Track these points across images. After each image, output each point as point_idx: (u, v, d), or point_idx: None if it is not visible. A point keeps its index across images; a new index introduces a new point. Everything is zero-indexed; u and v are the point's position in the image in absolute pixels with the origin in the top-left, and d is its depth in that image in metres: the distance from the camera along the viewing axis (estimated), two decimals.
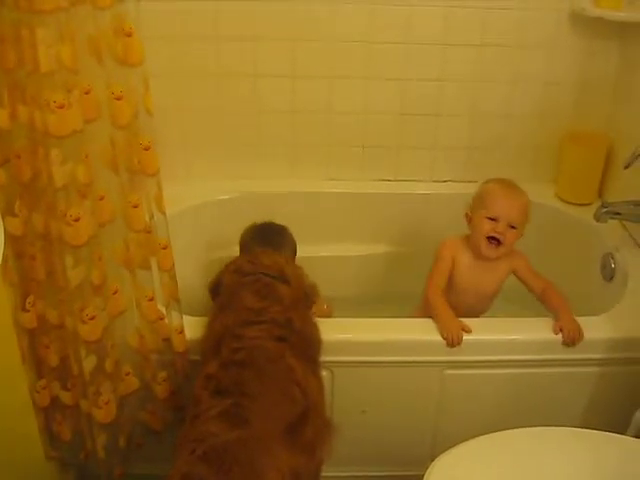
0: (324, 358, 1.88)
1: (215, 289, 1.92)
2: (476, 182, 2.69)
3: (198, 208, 2.59)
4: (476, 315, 2.22)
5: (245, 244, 2.20)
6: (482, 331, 2.02)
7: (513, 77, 2.60)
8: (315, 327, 1.88)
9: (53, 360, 1.85)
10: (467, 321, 2.03)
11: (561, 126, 2.67)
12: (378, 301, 2.73)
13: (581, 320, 2.04)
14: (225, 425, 1.49)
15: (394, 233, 2.76)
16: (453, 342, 1.97)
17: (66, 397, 1.90)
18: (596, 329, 2.02)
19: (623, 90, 2.55)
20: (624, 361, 2.04)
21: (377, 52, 2.53)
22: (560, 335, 1.99)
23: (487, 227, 2.13)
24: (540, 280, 2.20)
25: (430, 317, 2.06)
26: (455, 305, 2.09)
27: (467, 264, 2.21)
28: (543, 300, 2.16)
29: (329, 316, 2.35)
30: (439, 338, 1.99)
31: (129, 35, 1.56)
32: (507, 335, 2.03)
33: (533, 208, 2.54)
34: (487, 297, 2.25)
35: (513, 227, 2.13)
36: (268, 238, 2.14)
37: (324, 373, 1.90)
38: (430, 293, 2.14)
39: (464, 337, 1.99)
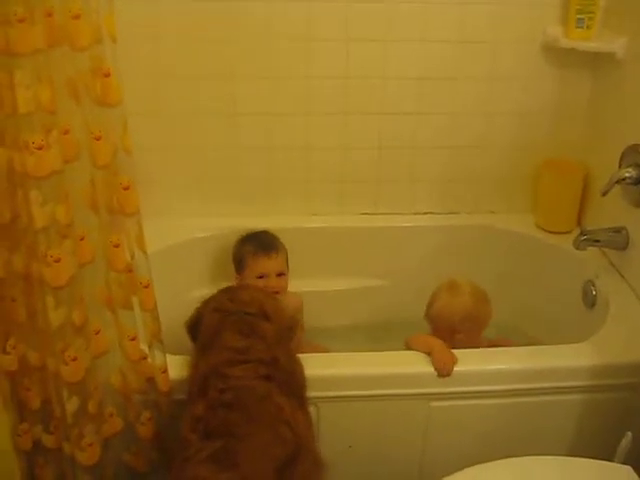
0: (309, 394, 1.87)
1: (194, 327, 1.91)
2: (457, 213, 2.74)
3: (178, 246, 2.60)
4: None
5: (242, 253, 2.43)
6: (467, 362, 2.02)
7: (488, 109, 2.64)
8: (298, 363, 1.88)
9: (35, 403, 1.83)
10: (453, 352, 2.05)
11: (538, 155, 2.71)
12: (360, 334, 2.74)
13: (564, 348, 2.07)
14: (215, 468, 1.49)
15: (376, 266, 2.77)
16: (447, 371, 1.99)
17: (49, 440, 1.88)
18: (579, 356, 2.04)
19: (597, 118, 2.59)
20: (608, 388, 2.05)
21: (354, 87, 2.56)
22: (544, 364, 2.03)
23: None
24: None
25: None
26: None
27: None
28: None
29: None
30: (424, 370, 2.00)
31: (107, 75, 1.58)
32: (492, 365, 2.04)
33: (514, 238, 2.62)
34: None
35: None
36: (263, 236, 2.48)
37: (309, 408, 1.89)
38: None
39: None
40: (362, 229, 2.75)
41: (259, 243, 2.43)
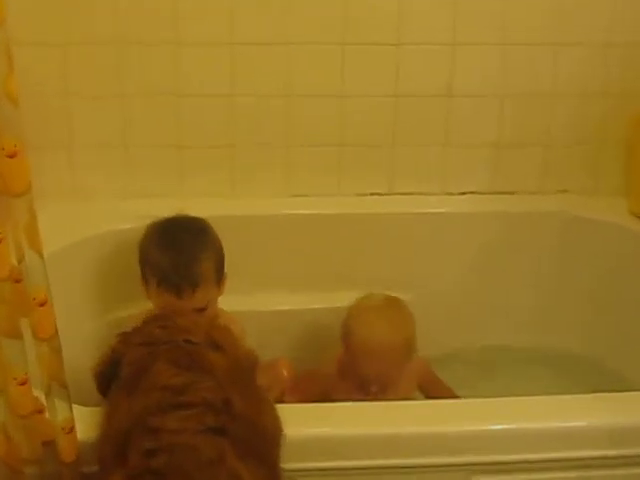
0: (288, 464, 1.88)
1: (106, 373, 1.91)
2: (512, 194, 2.75)
3: (92, 243, 2.60)
4: None
5: (147, 257, 2.34)
6: (528, 416, 2.04)
7: (557, 38, 2.67)
8: (267, 407, 1.88)
9: None
10: (507, 401, 2.09)
11: (631, 107, 2.72)
12: None
13: None
14: None
15: (392, 272, 2.79)
16: None
17: None
18: None
19: None
20: None
21: (356, 3, 2.58)
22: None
23: None
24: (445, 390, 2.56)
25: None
26: None
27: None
28: None
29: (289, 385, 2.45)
30: (464, 429, 2.01)
31: None
32: (565, 421, 2.04)
33: (597, 229, 2.61)
34: None
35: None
36: (180, 253, 2.29)
37: None
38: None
39: (496, 427, 2.02)
40: (370, 217, 2.79)
41: (170, 271, 2.30)
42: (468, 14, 2.61)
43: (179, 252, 2.31)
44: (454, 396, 2.52)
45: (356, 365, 2.40)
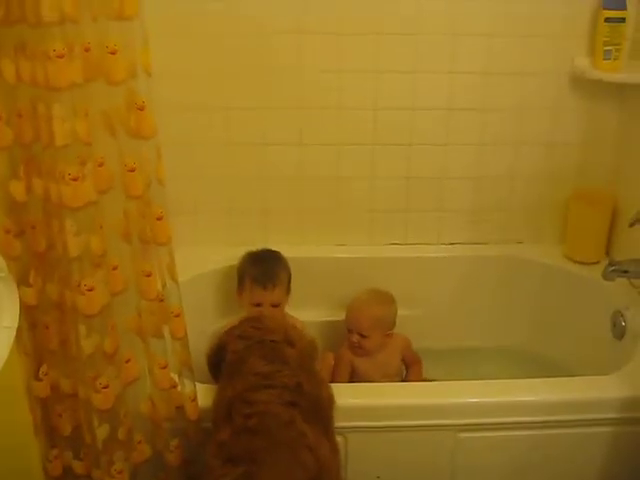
0: (337, 424, 1.89)
1: (216, 356, 1.95)
2: (484, 244, 2.76)
3: (207, 275, 2.65)
4: None
5: (244, 272, 2.48)
6: (495, 393, 2.05)
7: (517, 140, 2.67)
8: (324, 385, 1.90)
9: (66, 429, 1.87)
10: (480, 383, 2.09)
11: (566, 186, 2.72)
12: None
13: (593, 379, 2.08)
14: None
15: (406, 296, 2.74)
16: None
17: (79, 467, 1.91)
18: (608, 388, 2.04)
19: (625, 148, 2.61)
20: (638, 420, 2.04)
21: (383, 118, 2.60)
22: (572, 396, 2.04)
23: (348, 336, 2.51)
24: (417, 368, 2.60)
25: None
26: None
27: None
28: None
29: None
30: (452, 401, 2.03)
31: (141, 109, 1.63)
32: (519, 396, 2.05)
33: (541, 268, 2.65)
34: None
35: (364, 336, 2.47)
36: (266, 263, 2.50)
37: (338, 438, 1.90)
38: None
39: (477, 400, 2.03)
40: (391, 259, 2.78)
41: (259, 272, 2.46)
42: (456, 125, 2.63)
43: (265, 264, 2.49)
44: (421, 372, 2.58)
45: (345, 321, 2.51)
